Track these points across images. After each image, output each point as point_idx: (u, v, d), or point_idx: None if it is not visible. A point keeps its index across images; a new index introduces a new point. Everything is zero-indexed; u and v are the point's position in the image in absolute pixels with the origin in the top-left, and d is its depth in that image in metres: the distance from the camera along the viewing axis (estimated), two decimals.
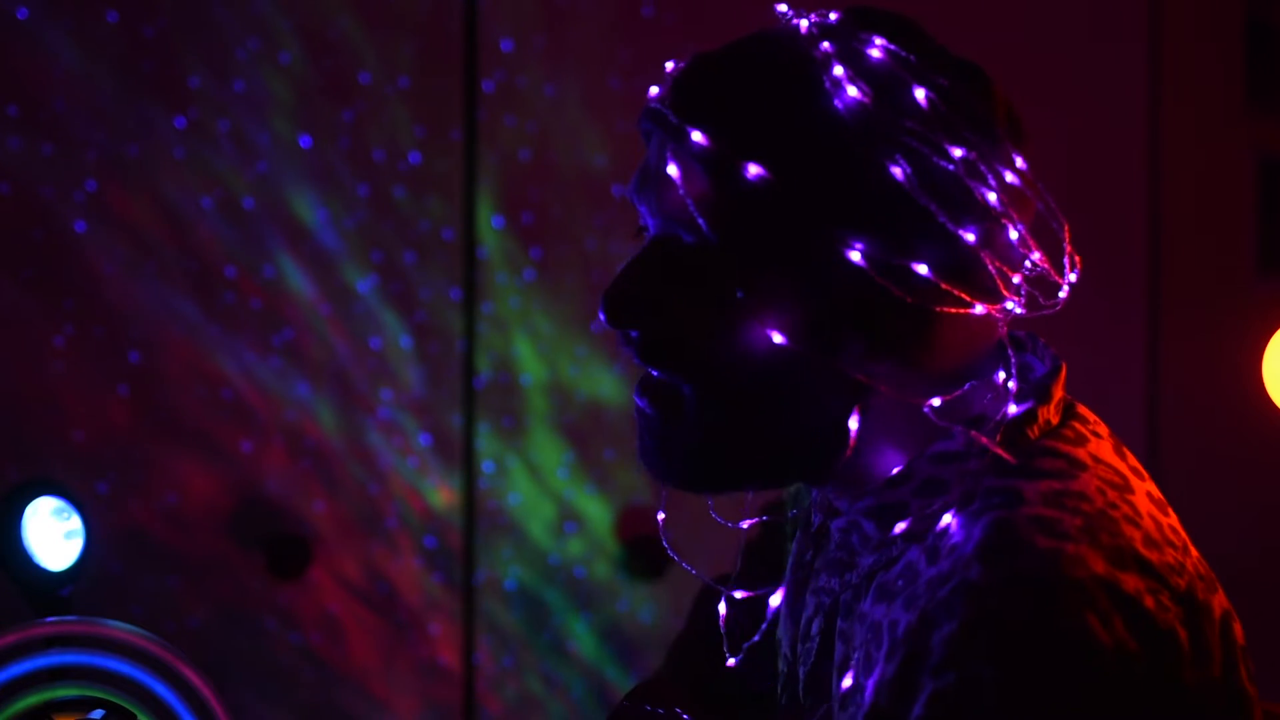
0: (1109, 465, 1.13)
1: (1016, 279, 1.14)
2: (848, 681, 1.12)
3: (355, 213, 2.61)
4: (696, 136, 1.11)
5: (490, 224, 2.67)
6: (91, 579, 1.82)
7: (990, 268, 1.12)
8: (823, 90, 1.10)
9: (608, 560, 2.76)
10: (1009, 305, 1.14)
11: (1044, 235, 1.18)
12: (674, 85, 1.15)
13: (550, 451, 2.71)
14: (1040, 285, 1.18)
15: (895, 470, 1.15)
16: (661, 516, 1.28)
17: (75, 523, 1.74)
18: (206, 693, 1.53)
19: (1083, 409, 1.19)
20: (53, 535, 1.73)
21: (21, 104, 2.43)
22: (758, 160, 1.09)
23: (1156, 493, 1.16)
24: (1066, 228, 1.18)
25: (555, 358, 2.71)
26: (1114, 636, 1.01)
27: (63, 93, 2.44)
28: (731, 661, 1.29)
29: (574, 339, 2.72)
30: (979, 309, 1.12)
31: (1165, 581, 1.06)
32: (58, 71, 2.44)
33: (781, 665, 1.31)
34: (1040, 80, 3.06)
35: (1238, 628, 1.11)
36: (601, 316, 1.16)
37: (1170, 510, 1.15)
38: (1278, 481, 3.17)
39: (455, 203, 2.67)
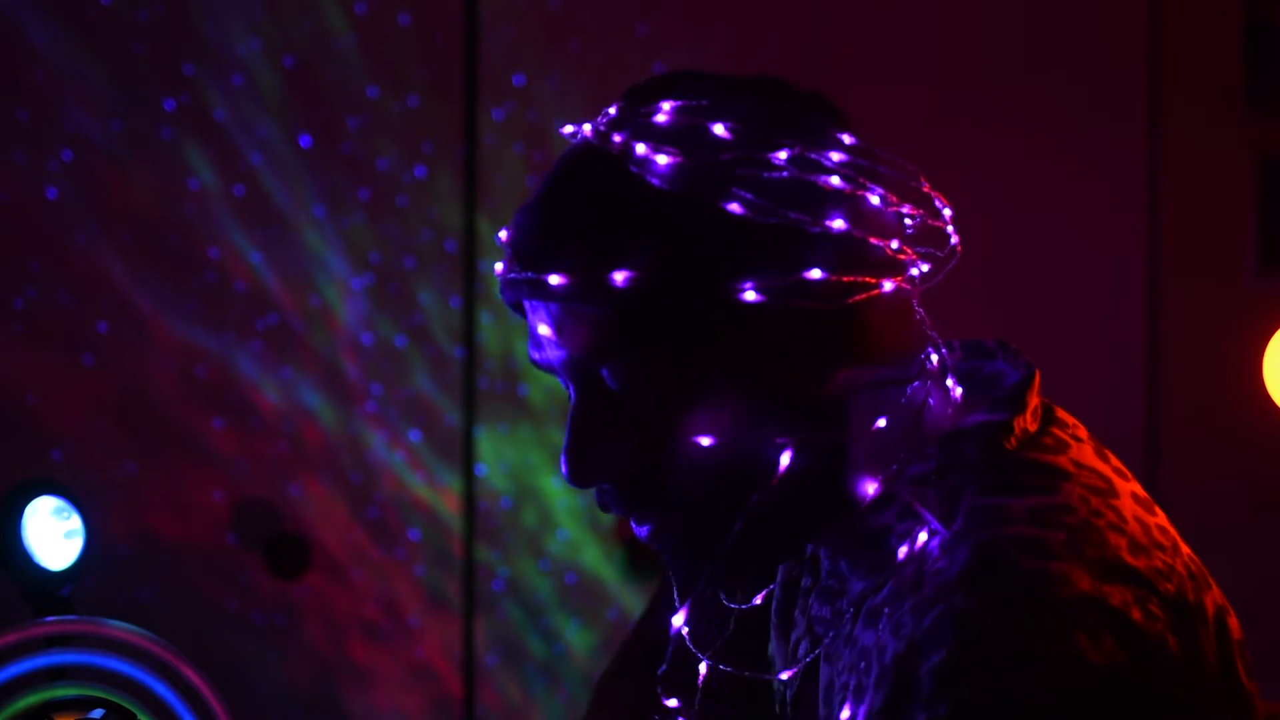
0: (1091, 469, 1.13)
1: (897, 244, 1.14)
2: (845, 714, 1.12)
3: (354, 213, 2.61)
4: (554, 280, 1.10)
5: (493, 239, 2.67)
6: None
7: (873, 240, 1.12)
8: (634, 176, 1.11)
9: (603, 562, 2.76)
10: (913, 272, 1.14)
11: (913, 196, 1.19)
12: (512, 249, 1.15)
13: (546, 453, 2.72)
14: (934, 241, 1.18)
15: (872, 493, 1.13)
16: (680, 620, 1.22)
17: (75, 522, 1.74)
18: (206, 693, 1.53)
19: (1061, 412, 1.17)
20: (53, 535, 1.73)
21: None
22: (617, 268, 1.09)
23: (1141, 492, 1.15)
24: (922, 175, 1.18)
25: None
26: (1104, 654, 1.01)
27: (41, 63, 2.43)
28: None
29: None
30: (888, 285, 1.12)
31: (1154, 588, 1.06)
32: (38, 39, 2.42)
33: (776, 685, 1.31)
34: (1040, 81, 3.06)
35: (1233, 623, 1.10)
36: (565, 476, 1.15)
37: (1157, 509, 1.14)
38: (1278, 481, 3.17)
39: (457, 217, 2.68)
